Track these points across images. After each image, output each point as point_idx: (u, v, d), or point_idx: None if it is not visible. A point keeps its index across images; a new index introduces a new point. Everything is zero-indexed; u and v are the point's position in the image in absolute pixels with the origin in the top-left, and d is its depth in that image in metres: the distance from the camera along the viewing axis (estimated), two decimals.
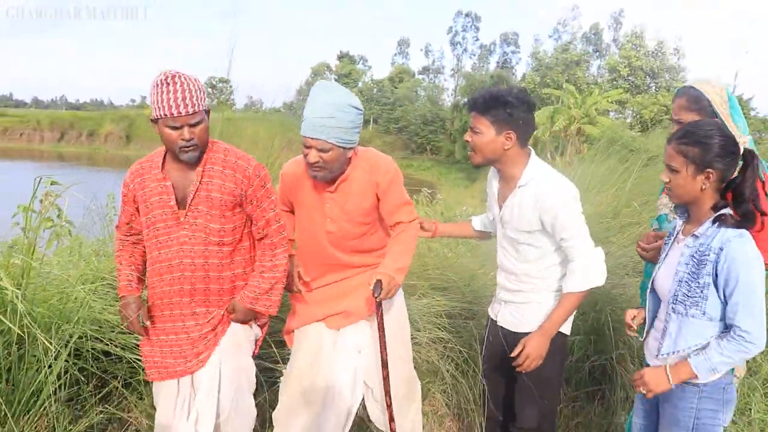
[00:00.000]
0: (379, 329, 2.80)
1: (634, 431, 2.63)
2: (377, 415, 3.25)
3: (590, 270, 2.63)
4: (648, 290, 2.51)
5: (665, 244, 2.50)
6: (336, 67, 70.16)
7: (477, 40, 78.21)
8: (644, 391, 2.32)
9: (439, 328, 4.02)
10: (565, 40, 59.50)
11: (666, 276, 2.37)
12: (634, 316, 2.56)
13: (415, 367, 3.37)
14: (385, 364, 2.82)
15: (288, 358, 3.24)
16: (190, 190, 2.61)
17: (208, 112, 2.58)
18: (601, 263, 2.66)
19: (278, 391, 3.27)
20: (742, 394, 4.15)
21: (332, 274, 3.07)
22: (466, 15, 77.20)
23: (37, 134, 60.35)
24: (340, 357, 3.06)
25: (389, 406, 2.86)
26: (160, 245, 2.67)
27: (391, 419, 2.90)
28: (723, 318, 2.22)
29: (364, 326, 3.09)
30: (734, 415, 4.00)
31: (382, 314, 2.80)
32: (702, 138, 2.21)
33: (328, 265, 3.05)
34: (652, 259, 2.71)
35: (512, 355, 2.71)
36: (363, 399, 3.15)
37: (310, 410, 3.10)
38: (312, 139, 2.67)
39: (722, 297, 2.19)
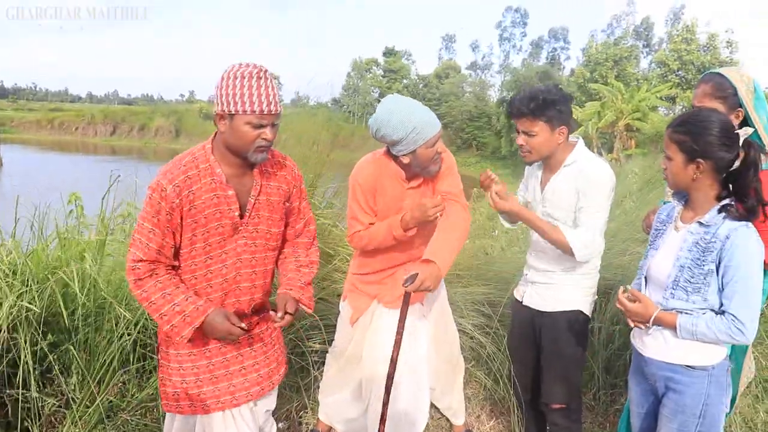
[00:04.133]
0: (399, 321, 2.81)
1: (634, 420, 2.60)
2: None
3: (589, 244, 2.72)
4: (637, 278, 2.49)
5: (657, 230, 2.47)
6: (385, 62, 70.20)
7: (525, 35, 77.61)
8: (623, 311, 2.33)
9: (483, 315, 4.16)
10: (617, 35, 58.42)
11: (664, 261, 2.33)
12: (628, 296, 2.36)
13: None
14: (393, 362, 2.80)
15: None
16: (252, 195, 2.39)
17: None
18: (596, 250, 2.76)
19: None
20: None
21: (395, 266, 3.18)
22: (516, 10, 76.73)
23: (91, 128, 62.02)
24: (391, 336, 3.23)
25: (385, 405, 2.85)
26: (210, 262, 2.36)
27: (382, 421, 2.88)
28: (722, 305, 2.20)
29: (417, 309, 3.26)
30: None
31: (407, 306, 2.82)
32: (695, 127, 2.18)
33: (397, 259, 3.15)
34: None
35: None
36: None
37: (351, 383, 3.35)
38: (439, 131, 2.84)
39: (720, 284, 2.18)
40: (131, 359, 3.30)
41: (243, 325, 2.27)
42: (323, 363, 3.68)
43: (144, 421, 3.17)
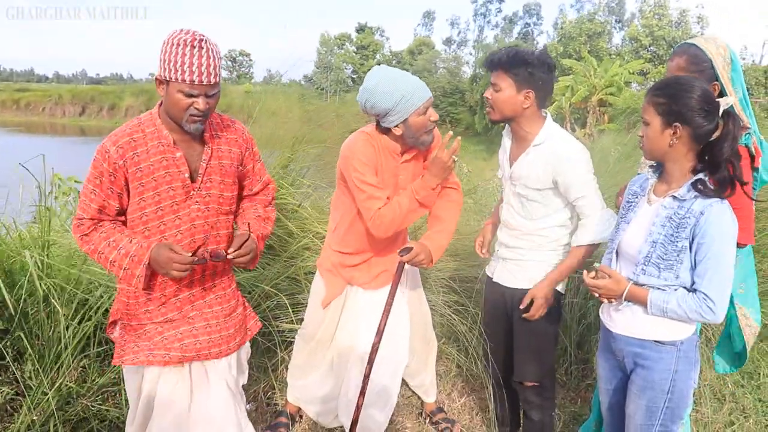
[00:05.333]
0: (391, 289, 2.83)
1: (602, 397, 2.56)
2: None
3: (599, 225, 2.69)
4: (608, 251, 2.43)
5: (629, 202, 2.39)
6: (357, 39, 69.59)
7: (500, 11, 77.45)
8: (596, 293, 2.30)
9: (454, 292, 4.11)
10: (587, 10, 58.53)
11: (636, 236, 2.27)
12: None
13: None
14: (380, 332, 2.79)
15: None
16: (203, 160, 2.37)
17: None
18: (609, 221, 2.72)
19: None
20: (752, 359, 4.20)
21: (372, 251, 3.10)
22: None
23: (59, 108, 60.77)
24: (366, 317, 3.14)
25: (366, 377, 2.81)
26: (164, 227, 2.35)
27: (362, 393, 2.83)
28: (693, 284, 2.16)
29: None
30: (743, 379, 4.07)
31: (399, 275, 2.84)
32: (675, 90, 2.11)
33: (375, 242, 3.05)
34: None
35: (521, 306, 2.81)
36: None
37: (322, 366, 3.26)
38: (430, 97, 2.79)
39: (692, 261, 2.13)
40: (92, 343, 3.19)
41: (188, 253, 2.23)
42: (291, 343, 3.61)
43: (105, 406, 3.08)
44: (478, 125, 45.60)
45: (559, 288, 2.87)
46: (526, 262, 2.87)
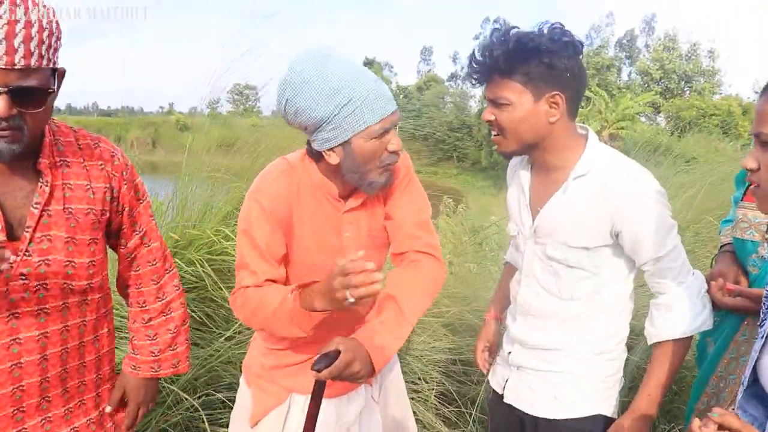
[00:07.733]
0: (306, 424, 1.64)
1: None
2: None
3: (694, 305, 1.69)
4: (745, 383, 1.36)
5: None
6: None
7: None
8: None
9: (452, 379, 3.08)
10: (595, 44, 58.60)
11: None
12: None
13: None
14: None
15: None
16: (34, 204, 1.43)
17: (61, 75, 1.43)
18: (705, 296, 1.73)
19: None
20: None
21: (317, 343, 1.76)
22: (494, 21, 76.86)
23: None
24: None
25: None
26: None
27: None
28: None
29: (363, 393, 2.13)
30: None
31: (319, 401, 1.64)
32: None
33: (322, 331, 1.75)
34: (738, 306, 1.76)
35: None
36: None
37: None
38: (394, 113, 1.65)
39: None
40: None
41: None
42: None
43: None
44: (485, 160, 44.99)
45: (609, 414, 1.84)
46: (558, 375, 1.83)
